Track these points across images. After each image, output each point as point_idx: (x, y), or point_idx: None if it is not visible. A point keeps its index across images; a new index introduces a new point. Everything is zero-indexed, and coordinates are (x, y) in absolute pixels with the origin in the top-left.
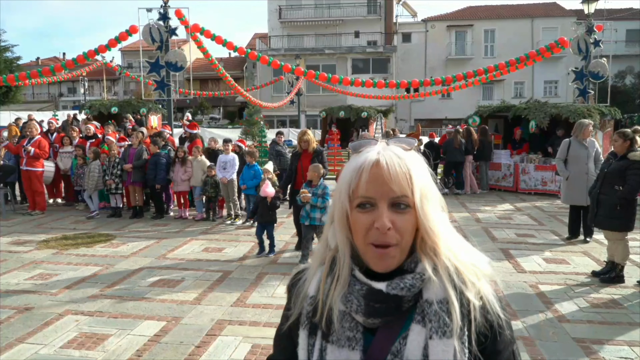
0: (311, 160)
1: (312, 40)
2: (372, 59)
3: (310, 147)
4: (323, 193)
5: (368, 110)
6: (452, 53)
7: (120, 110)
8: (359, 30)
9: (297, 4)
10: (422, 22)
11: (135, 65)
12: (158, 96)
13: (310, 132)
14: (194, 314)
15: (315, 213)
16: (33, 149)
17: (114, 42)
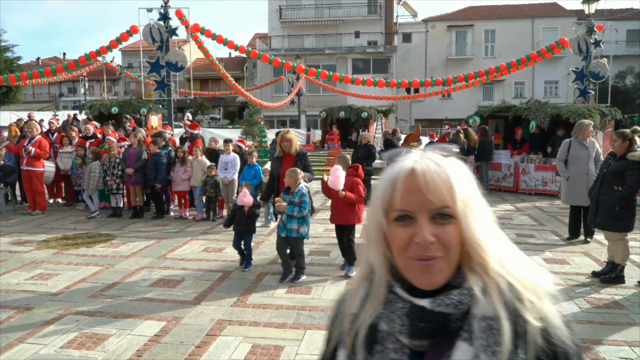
0: (294, 164)
1: (312, 40)
2: (372, 59)
3: (293, 149)
4: (300, 201)
5: (368, 111)
6: (453, 53)
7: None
8: (359, 30)
9: (297, 4)
10: (423, 22)
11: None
12: (158, 96)
13: (292, 132)
14: (194, 314)
15: (292, 224)
16: (34, 149)
17: (115, 43)
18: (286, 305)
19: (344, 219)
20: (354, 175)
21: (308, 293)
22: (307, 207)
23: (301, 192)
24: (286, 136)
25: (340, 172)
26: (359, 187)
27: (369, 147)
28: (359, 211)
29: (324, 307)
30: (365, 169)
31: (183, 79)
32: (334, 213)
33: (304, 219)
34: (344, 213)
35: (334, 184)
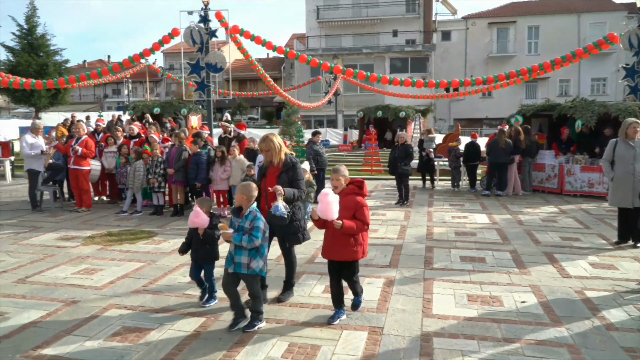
0: (278, 177)
1: (349, 40)
2: (410, 58)
3: (276, 158)
4: (251, 227)
5: (406, 110)
6: (494, 51)
7: (162, 110)
8: (397, 29)
9: (334, 4)
10: (462, 20)
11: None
12: (198, 97)
13: (276, 137)
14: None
15: (241, 256)
16: (80, 149)
17: (158, 46)
18: (323, 304)
19: (341, 253)
20: (356, 193)
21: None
22: (260, 235)
23: (253, 214)
24: (262, 145)
25: (331, 197)
26: (363, 210)
27: (406, 146)
28: (363, 242)
29: (360, 308)
30: (402, 169)
31: (222, 79)
32: (326, 245)
33: (256, 250)
34: (342, 245)
35: (324, 213)
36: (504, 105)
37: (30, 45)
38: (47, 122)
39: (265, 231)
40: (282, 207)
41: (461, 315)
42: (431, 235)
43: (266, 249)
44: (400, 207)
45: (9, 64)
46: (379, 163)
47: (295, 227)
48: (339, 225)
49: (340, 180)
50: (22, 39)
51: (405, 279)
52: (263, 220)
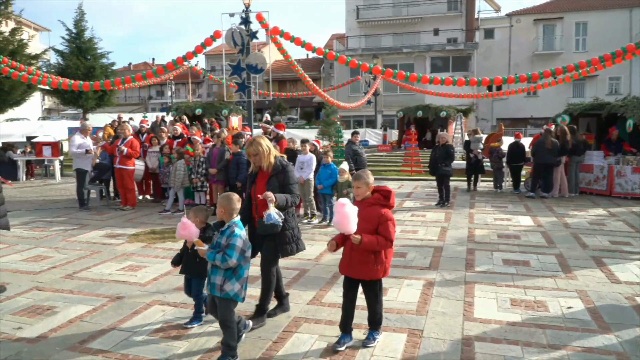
0: (267, 182)
1: (389, 39)
2: (452, 56)
3: (265, 163)
4: (227, 244)
5: (447, 110)
6: (539, 48)
7: (203, 111)
8: (438, 27)
9: (374, 3)
10: (507, 17)
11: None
12: (239, 98)
13: (264, 140)
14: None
15: (216, 276)
16: (126, 149)
17: (200, 48)
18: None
19: (360, 271)
20: (382, 204)
21: (384, 294)
22: (234, 254)
23: (231, 230)
24: (249, 149)
25: (349, 207)
26: (387, 224)
27: (447, 147)
28: (385, 259)
29: (399, 310)
30: (443, 170)
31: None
32: (344, 260)
33: (233, 271)
34: (361, 263)
35: (340, 225)
36: (549, 105)
37: (79, 49)
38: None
39: (245, 250)
40: (275, 215)
41: (504, 320)
42: (472, 238)
43: (246, 270)
44: (440, 208)
45: (58, 67)
46: (418, 163)
47: (287, 237)
48: (357, 241)
49: (362, 188)
50: (70, 42)
51: (446, 281)
52: (242, 238)
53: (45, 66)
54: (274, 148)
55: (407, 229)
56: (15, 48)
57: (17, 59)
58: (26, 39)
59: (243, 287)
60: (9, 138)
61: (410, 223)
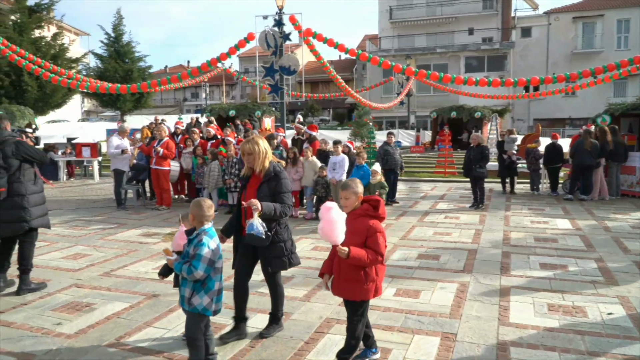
0: (258, 189)
1: (423, 39)
2: (487, 56)
3: (258, 165)
4: (194, 254)
5: (482, 110)
6: (578, 47)
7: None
8: (473, 27)
9: (408, 3)
10: (544, 15)
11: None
12: (272, 99)
13: (263, 141)
14: (304, 311)
15: (185, 288)
16: (162, 150)
17: (234, 50)
18: (394, 307)
19: (348, 290)
20: (370, 215)
21: (417, 297)
22: (200, 265)
23: (199, 238)
24: (245, 147)
25: (335, 213)
26: (377, 236)
27: (481, 148)
28: (376, 277)
29: (432, 313)
30: (477, 172)
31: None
32: (334, 278)
33: (201, 283)
34: (349, 280)
35: (326, 234)
36: (589, 105)
37: (117, 53)
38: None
39: (215, 261)
40: (258, 226)
41: (541, 325)
42: (508, 240)
43: (217, 282)
44: (474, 210)
45: (97, 70)
46: (452, 165)
47: (279, 250)
48: (344, 254)
49: (350, 198)
50: (109, 46)
51: (480, 285)
52: (210, 248)
53: (85, 69)
54: (271, 152)
55: (441, 231)
56: (56, 52)
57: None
58: (67, 43)
59: (213, 300)
60: (51, 139)
61: (443, 225)
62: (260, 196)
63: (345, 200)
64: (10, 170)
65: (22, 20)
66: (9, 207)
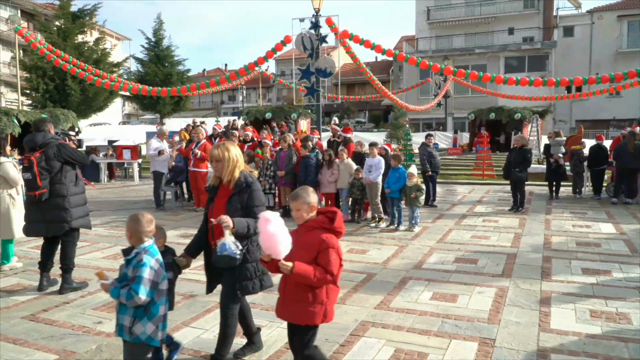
0: (228, 202)
1: (461, 40)
2: (527, 56)
3: (227, 175)
4: (133, 276)
5: (522, 112)
6: (623, 46)
7: (273, 115)
8: (513, 26)
9: (446, 3)
10: (588, 14)
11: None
12: (308, 101)
13: (235, 148)
14: (339, 313)
15: (124, 316)
16: (199, 152)
17: (271, 53)
18: (430, 311)
19: (293, 312)
20: (325, 229)
21: (454, 301)
22: (141, 288)
23: (138, 258)
24: (214, 153)
25: (274, 224)
26: (328, 252)
27: (523, 151)
28: (327, 299)
29: (470, 317)
30: (517, 175)
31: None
32: (279, 298)
33: (143, 310)
34: (295, 301)
35: (268, 245)
36: (634, 105)
37: (157, 57)
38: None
39: (159, 282)
40: (230, 245)
41: (583, 332)
42: (549, 245)
43: (161, 307)
44: (514, 213)
45: (138, 74)
46: (490, 167)
47: (249, 271)
48: (287, 269)
49: (301, 209)
50: (149, 51)
51: (520, 290)
52: (152, 268)
53: (126, 73)
54: (243, 160)
55: (479, 235)
56: (99, 57)
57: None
58: (109, 48)
59: (159, 328)
60: (93, 142)
61: (481, 228)
62: (230, 210)
63: (296, 212)
64: (52, 172)
65: (66, 25)
66: (51, 207)
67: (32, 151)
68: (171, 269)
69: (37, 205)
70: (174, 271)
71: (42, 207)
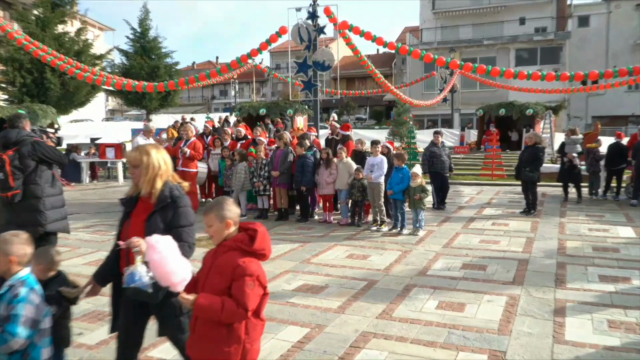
0: (147, 220)
1: (468, 31)
2: (539, 47)
3: (145, 185)
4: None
5: (534, 107)
6: None
7: (268, 111)
8: (524, 16)
9: None
10: (604, 2)
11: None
12: (304, 97)
13: (159, 152)
14: (338, 323)
15: None
16: (188, 150)
17: (265, 45)
18: (436, 322)
19: (202, 351)
20: (242, 250)
21: (461, 310)
22: (18, 329)
23: (13, 292)
24: (131, 156)
25: (162, 250)
26: (243, 281)
27: (535, 149)
28: (246, 336)
29: (479, 328)
30: (528, 175)
31: (329, 78)
32: (190, 334)
33: (21, 354)
34: (205, 338)
35: (159, 277)
36: None
37: (143, 48)
38: (158, 124)
39: (40, 320)
40: (142, 275)
41: (600, 344)
42: (563, 250)
43: (44, 350)
44: (526, 216)
45: (122, 67)
46: (500, 167)
47: (177, 308)
48: (188, 302)
49: (214, 225)
50: (135, 42)
51: (532, 298)
52: (32, 303)
53: (110, 66)
54: (170, 168)
55: (488, 239)
56: (80, 48)
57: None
58: (91, 39)
59: None
60: (74, 139)
61: (491, 232)
62: (149, 231)
63: (208, 229)
64: (26, 172)
65: (45, 14)
66: (24, 209)
67: (5, 149)
68: (57, 302)
69: (11, 207)
70: (60, 305)
71: (15, 209)
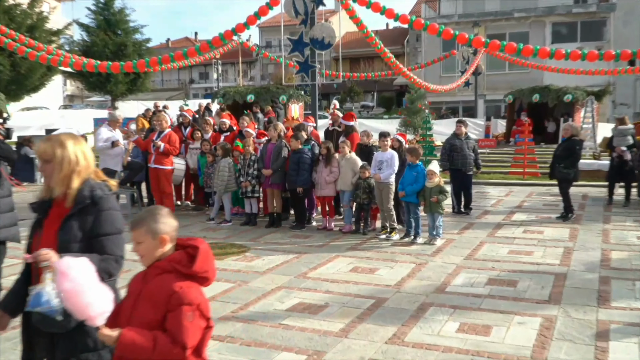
0: (61, 227)
1: (496, 2)
2: (580, 22)
3: (60, 184)
4: None
5: (573, 92)
6: None
7: (256, 97)
8: None
9: None
10: None
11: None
12: (300, 80)
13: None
14: (340, 349)
15: None
16: (163, 144)
17: (254, 19)
18: (457, 347)
19: None
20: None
21: (487, 334)
22: None
23: None
24: (40, 147)
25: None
26: (181, 311)
27: (570, 142)
28: None
29: (508, 355)
30: (561, 172)
31: (330, 58)
32: None
33: None
34: None
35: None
36: None
37: (107, 22)
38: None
39: None
40: (49, 297)
41: None
42: (607, 262)
43: None
44: (563, 222)
45: (83, 44)
46: (533, 163)
47: (91, 340)
48: (111, 340)
49: (143, 243)
50: (98, 15)
51: (571, 319)
52: None
53: (68, 44)
54: (91, 163)
55: (519, 250)
56: (34, 22)
57: (36, 36)
58: (47, 11)
59: None
60: (26, 131)
61: (522, 242)
62: (63, 241)
63: (136, 246)
64: None
65: None
66: None
67: None
68: None
69: None
70: None
71: None
